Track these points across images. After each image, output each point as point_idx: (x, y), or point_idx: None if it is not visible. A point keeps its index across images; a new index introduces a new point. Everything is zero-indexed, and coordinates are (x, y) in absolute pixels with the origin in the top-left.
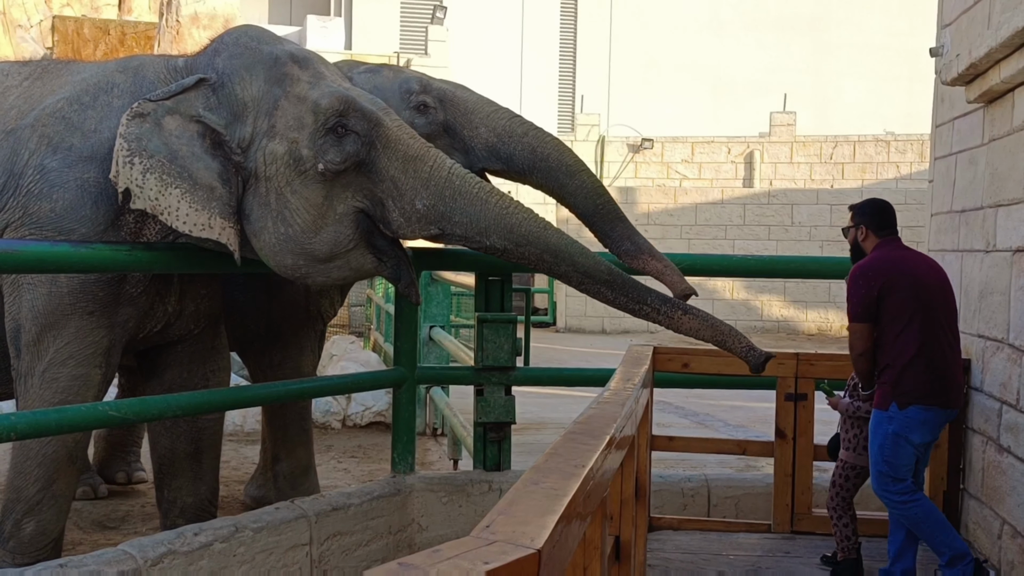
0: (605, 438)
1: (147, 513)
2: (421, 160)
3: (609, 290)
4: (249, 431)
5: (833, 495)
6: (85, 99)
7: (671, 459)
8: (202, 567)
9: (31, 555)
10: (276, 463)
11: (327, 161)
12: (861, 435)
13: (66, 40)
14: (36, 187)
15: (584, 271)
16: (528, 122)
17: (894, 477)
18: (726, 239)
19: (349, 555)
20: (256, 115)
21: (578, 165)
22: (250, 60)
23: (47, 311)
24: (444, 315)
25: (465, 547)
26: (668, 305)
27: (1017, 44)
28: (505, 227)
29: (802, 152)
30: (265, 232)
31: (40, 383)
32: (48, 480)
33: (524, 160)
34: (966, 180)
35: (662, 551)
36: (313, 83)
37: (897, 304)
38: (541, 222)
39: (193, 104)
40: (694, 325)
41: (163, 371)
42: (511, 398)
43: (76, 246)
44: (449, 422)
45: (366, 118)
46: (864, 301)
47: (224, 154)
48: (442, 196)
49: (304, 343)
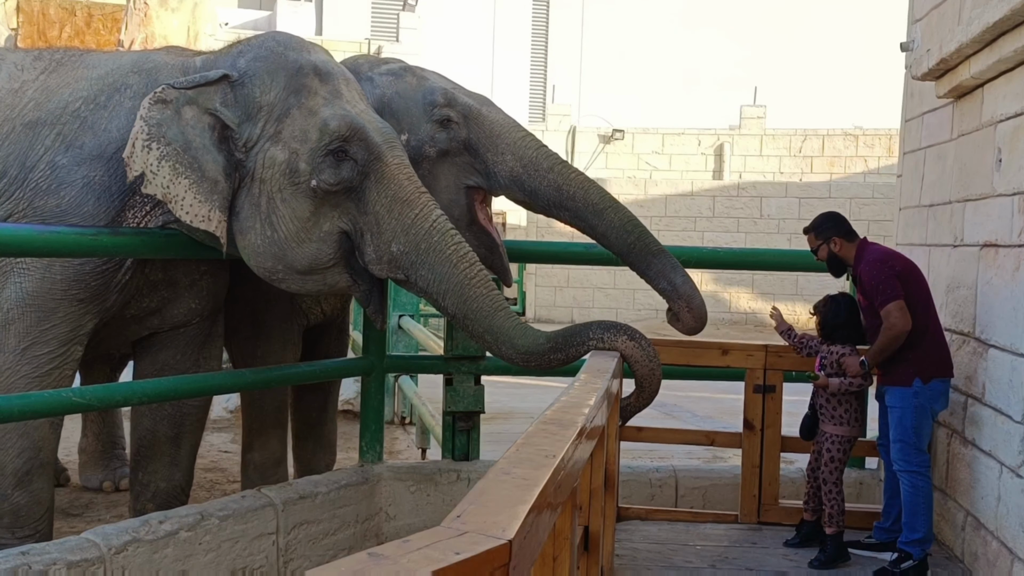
0: (576, 428)
1: (111, 501)
2: (408, 205)
3: (554, 354)
4: (215, 418)
5: (832, 469)
6: (101, 99)
7: (639, 450)
8: (167, 555)
9: (30, 527)
10: (248, 452)
11: (321, 180)
12: (852, 408)
13: (31, 21)
14: (45, 183)
15: (524, 352)
16: (553, 154)
17: (918, 448)
18: (695, 231)
19: (316, 544)
20: (267, 119)
21: (604, 202)
22: (274, 65)
23: (37, 294)
24: (414, 303)
25: (435, 537)
26: (610, 332)
27: (987, 40)
28: (461, 297)
29: (771, 145)
30: (252, 232)
31: (18, 360)
32: (34, 450)
33: (549, 197)
34: (935, 175)
35: (630, 541)
36: (328, 100)
37: (913, 287)
38: (495, 303)
39: (212, 97)
40: (636, 354)
41: (158, 351)
42: (480, 387)
43: (40, 229)
44: (418, 411)
45: (368, 149)
46: (896, 281)
47: (228, 149)
48: (417, 247)
49: (288, 336)
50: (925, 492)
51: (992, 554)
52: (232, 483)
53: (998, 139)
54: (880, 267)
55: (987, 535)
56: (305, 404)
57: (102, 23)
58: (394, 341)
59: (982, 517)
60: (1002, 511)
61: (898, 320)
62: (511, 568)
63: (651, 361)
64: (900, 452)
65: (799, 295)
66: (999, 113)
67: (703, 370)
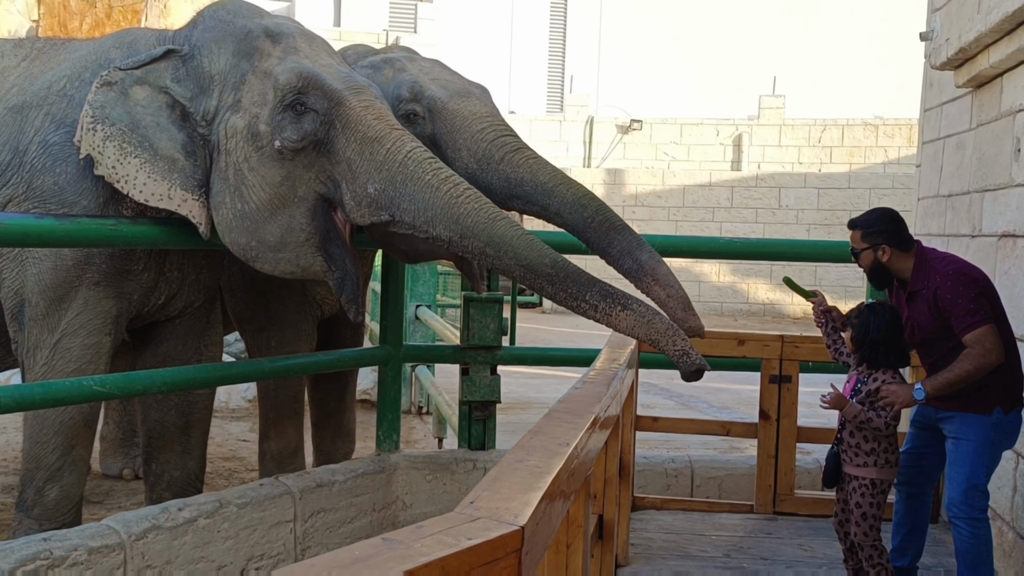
0: (590, 417)
1: (131, 488)
2: (378, 142)
3: (549, 284)
4: (234, 408)
5: (868, 529)
6: (85, 75)
7: (655, 440)
8: (186, 542)
9: (57, 520)
10: (265, 441)
11: (284, 139)
12: (880, 447)
13: (52, 13)
14: (40, 162)
15: (526, 264)
16: (509, 143)
17: (985, 491)
18: (713, 221)
19: (333, 532)
20: (223, 89)
21: (554, 180)
22: (221, 33)
23: (54, 284)
24: (431, 294)
25: (448, 523)
26: (607, 301)
27: (1006, 29)
28: (452, 217)
29: (790, 135)
30: (223, 207)
31: (52, 354)
32: (67, 446)
33: (500, 190)
34: (953, 165)
35: (645, 531)
36: (282, 58)
37: (996, 306)
38: (491, 213)
39: (161, 75)
40: (630, 322)
41: (158, 343)
42: (496, 377)
43: (61, 220)
44: (434, 401)
45: (327, 96)
46: (985, 301)
47: (191, 126)
48: (393, 181)
49: (301, 327)
50: (987, 539)
51: (1008, 544)
52: (250, 471)
53: (1017, 129)
54: (964, 287)
55: (1003, 526)
56: (323, 393)
57: (122, 15)
58: (411, 331)
59: (998, 508)
60: (1018, 502)
61: (992, 348)
62: (523, 554)
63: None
64: (964, 496)
65: (818, 286)
66: (1019, 103)
67: (719, 360)
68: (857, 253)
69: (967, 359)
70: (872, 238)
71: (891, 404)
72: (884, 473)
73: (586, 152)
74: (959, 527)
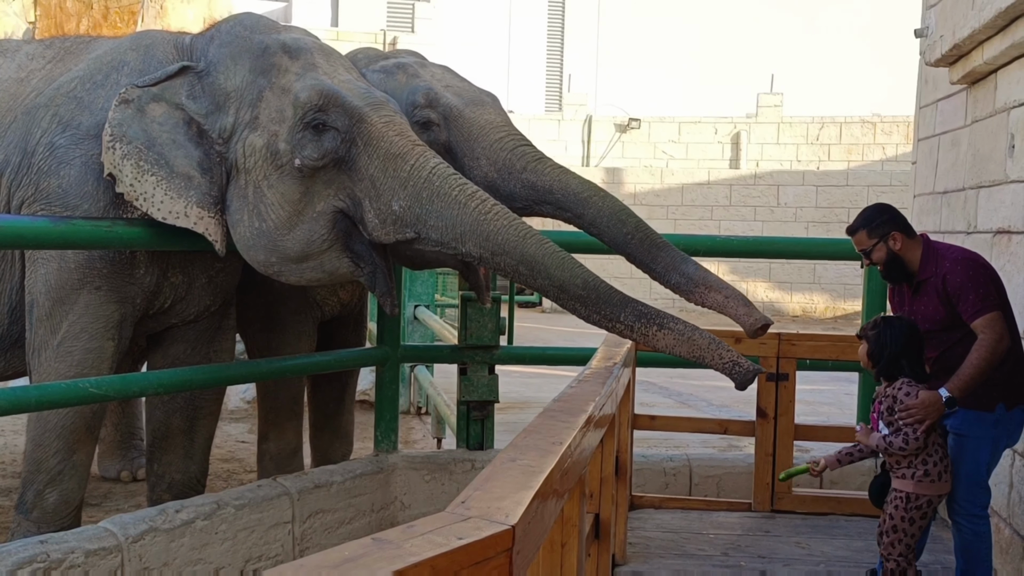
0: (583, 416)
1: (129, 490)
2: (402, 158)
3: (582, 306)
4: (233, 409)
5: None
6: (97, 77)
7: (654, 439)
8: (183, 544)
9: (55, 524)
10: (263, 442)
11: (304, 157)
12: (919, 459)
13: (48, 14)
14: (45, 164)
15: (559, 285)
16: (529, 153)
17: (986, 487)
18: (712, 220)
19: (331, 533)
20: (239, 106)
21: (586, 189)
22: (237, 49)
23: (58, 285)
24: (428, 294)
25: (439, 523)
26: (642, 321)
27: (1000, 25)
28: (482, 234)
29: (789, 133)
30: (241, 225)
31: (55, 356)
32: (68, 450)
33: (526, 197)
34: (949, 161)
35: (643, 529)
36: (300, 75)
37: (1004, 296)
38: (521, 230)
39: (177, 91)
40: (669, 342)
41: (169, 345)
42: (494, 377)
43: (55, 221)
44: (433, 401)
45: (348, 114)
46: (992, 290)
47: (208, 143)
48: (419, 197)
49: (301, 328)
50: (987, 537)
51: (1005, 541)
52: (249, 473)
53: (1012, 125)
54: (975, 272)
55: (1000, 523)
56: (322, 394)
57: (119, 16)
58: (409, 331)
59: (995, 505)
60: (1015, 499)
61: (1004, 334)
62: (515, 553)
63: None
64: (966, 492)
65: (816, 284)
66: (1013, 99)
67: None
68: (868, 251)
69: (981, 347)
70: (880, 230)
71: (922, 420)
72: (921, 488)
73: (584, 151)
74: (960, 524)
